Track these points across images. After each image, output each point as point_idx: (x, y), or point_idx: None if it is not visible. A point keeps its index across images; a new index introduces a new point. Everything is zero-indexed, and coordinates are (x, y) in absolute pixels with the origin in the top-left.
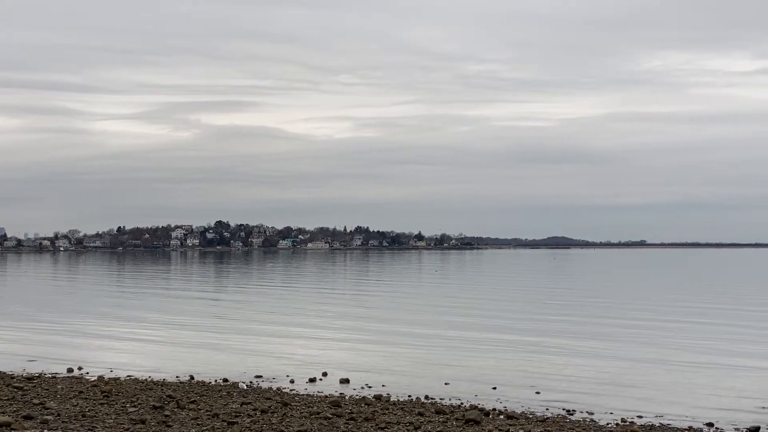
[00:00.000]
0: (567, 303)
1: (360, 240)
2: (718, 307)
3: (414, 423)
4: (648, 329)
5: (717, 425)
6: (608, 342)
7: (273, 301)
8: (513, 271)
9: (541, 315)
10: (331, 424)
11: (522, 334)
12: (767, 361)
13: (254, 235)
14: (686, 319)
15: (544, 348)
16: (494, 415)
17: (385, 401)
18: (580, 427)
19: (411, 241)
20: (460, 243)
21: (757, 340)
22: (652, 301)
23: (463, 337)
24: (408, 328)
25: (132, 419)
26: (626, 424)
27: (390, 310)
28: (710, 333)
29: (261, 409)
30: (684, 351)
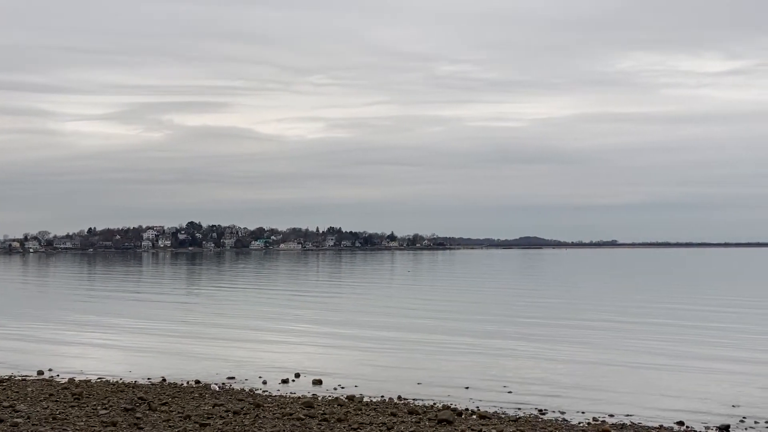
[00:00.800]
0: (538, 304)
1: (332, 240)
2: (688, 307)
3: (387, 423)
4: (618, 330)
5: (687, 424)
6: (579, 343)
7: (245, 302)
8: (485, 271)
9: (513, 316)
10: (304, 425)
11: (494, 334)
12: (737, 361)
13: (226, 236)
14: (656, 320)
15: (515, 348)
16: (467, 415)
17: (357, 402)
18: (553, 426)
19: (383, 241)
20: (432, 243)
21: (727, 340)
22: (621, 302)
23: (435, 337)
24: (380, 329)
25: (103, 421)
26: (598, 423)
27: (362, 311)
28: (680, 334)
29: (233, 411)
30: (654, 352)
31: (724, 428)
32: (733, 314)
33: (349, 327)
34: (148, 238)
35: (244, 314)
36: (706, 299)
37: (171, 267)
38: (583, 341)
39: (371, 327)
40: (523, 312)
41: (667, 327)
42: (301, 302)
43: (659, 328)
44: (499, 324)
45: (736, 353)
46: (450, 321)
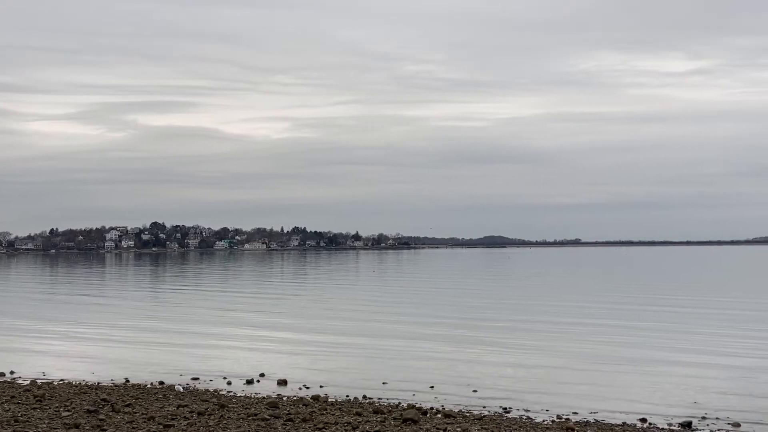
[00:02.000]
0: (502, 302)
1: (297, 240)
2: (650, 305)
3: (352, 423)
4: (581, 328)
5: (650, 420)
6: (542, 341)
7: (209, 302)
8: (450, 270)
9: (478, 314)
10: (269, 425)
11: (458, 334)
12: (698, 358)
13: (191, 237)
14: (618, 318)
15: (480, 347)
16: (432, 413)
17: (323, 402)
18: (517, 424)
19: (348, 241)
20: (397, 243)
21: (689, 337)
22: (583, 300)
23: (401, 336)
24: (346, 329)
25: (65, 423)
26: (562, 421)
27: (327, 311)
28: (642, 331)
29: (198, 412)
30: (616, 349)
31: (686, 425)
32: (692, 313)
33: (314, 327)
34: (111, 239)
35: (208, 315)
36: (668, 296)
37: (134, 268)
38: (545, 341)
39: (336, 327)
40: (487, 312)
41: (627, 327)
42: (265, 303)
43: (622, 324)
44: (463, 323)
45: (696, 352)
46: (415, 321)
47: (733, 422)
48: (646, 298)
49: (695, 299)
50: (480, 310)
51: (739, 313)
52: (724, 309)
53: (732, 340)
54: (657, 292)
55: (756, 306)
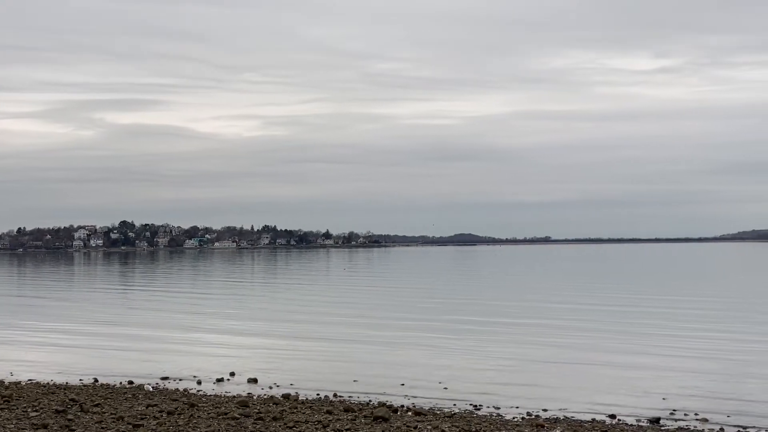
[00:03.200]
0: (472, 300)
1: (267, 239)
2: (617, 303)
3: (323, 421)
4: (549, 327)
5: (619, 417)
6: (512, 338)
7: (178, 301)
8: (420, 268)
9: (448, 312)
10: (239, 424)
11: (429, 331)
12: (666, 356)
13: (160, 235)
14: (586, 316)
15: (450, 344)
16: (402, 411)
17: (293, 400)
18: (487, 421)
19: (319, 239)
20: (367, 241)
21: (657, 334)
22: (552, 299)
23: (371, 334)
24: (316, 327)
25: (33, 424)
26: (532, 417)
27: (298, 309)
28: (610, 329)
29: (167, 411)
30: (585, 347)
31: (654, 421)
32: (659, 310)
33: (285, 325)
34: (79, 238)
35: (177, 314)
36: (635, 295)
37: (103, 267)
38: (515, 339)
39: (307, 325)
40: (456, 309)
41: (595, 325)
42: (235, 301)
43: (591, 322)
44: (434, 321)
45: (664, 349)
46: (386, 318)
47: (701, 418)
48: (615, 296)
49: (663, 297)
50: (450, 308)
51: (707, 311)
52: (692, 307)
53: (699, 337)
54: (625, 290)
55: (723, 303)
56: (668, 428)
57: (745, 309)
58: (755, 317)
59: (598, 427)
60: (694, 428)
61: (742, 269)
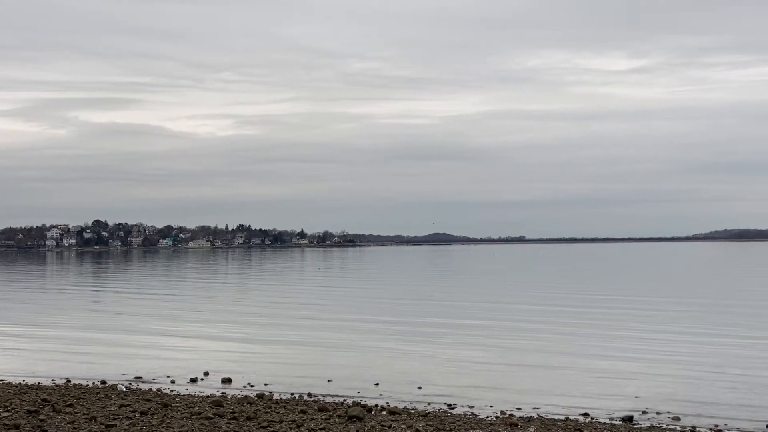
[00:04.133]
0: (446, 301)
1: (242, 238)
2: (590, 303)
3: (297, 421)
4: (524, 327)
5: (592, 415)
6: (486, 339)
7: (152, 301)
8: (395, 268)
9: (422, 312)
10: (213, 424)
11: (404, 331)
12: (639, 355)
13: (133, 235)
14: (561, 317)
15: (425, 344)
16: (377, 411)
17: (267, 400)
18: (461, 420)
19: (293, 239)
20: (342, 240)
21: (629, 334)
22: (525, 300)
23: (345, 335)
24: (291, 327)
25: (5, 424)
26: (506, 416)
27: (272, 309)
28: (584, 327)
29: (140, 411)
30: (559, 346)
31: (627, 419)
32: (632, 310)
33: (259, 326)
34: (52, 237)
35: (151, 313)
36: (609, 293)
37: (76, 266)
38: (489, 339)
39: (281, 325)
40: (431, 309)
41: (568, 325)
42: (209, 301)
43: (563, 321)
44: (408, 321)
45: (637, 348)
46: (360, 318)
47: (673, 416)
48: (587, 297)
49: (634, 298)
50: (424, 309)
51: (678, 311)
52: (663, 307)
53: (672, 337)
54: (598, 291)
55: (695, 303)
56: (641, 426)
57: (715, 309)
58: (726, 318)
59: (571, 426)
60: (666, 427)
61: (713, 269)
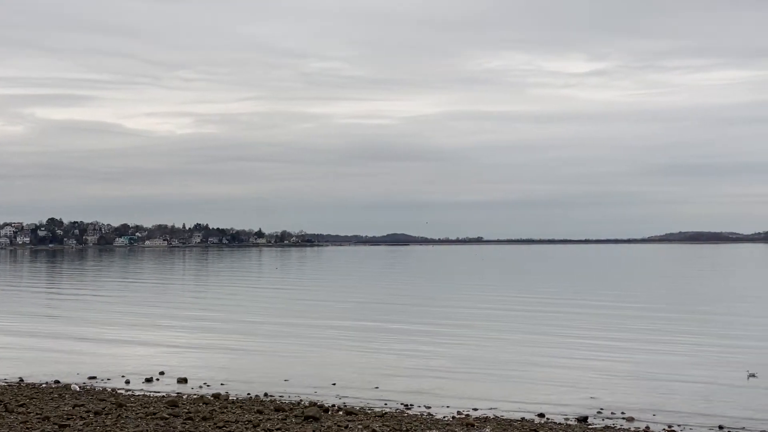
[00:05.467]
0: (403, 301)
1: (199, 237)
2: (545, 304)
3: (253, 421)
4: (479, 328)
5: (548, 415)
6: (443, 339)
7: (108, 300)
8: (352, 268)
9: (379, 312)
10: (168, 424)
11: (361, 331)
12: (594, 356)
13: (89, 233)
14: (517, 317)
15: (381, 344)
16: (333, 411)
17: (223, 400)
18: (418, 420)
19: (251, 238)
20: (300, 240)
21: (585, 335)
22: (481, 300)
23: (302, 334)
24: (247, 326)
25: None
26: (462, 416)
27: (229, 309)
28: (539, 329)
29: (94, 411)
30: (515, 347)
31: (582, 419)
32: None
33: (216, 325)
34: (5, 235)
35: (106, 313)
36: (565, 294)
37: (29, 265)
38: (445, 339)
39: (239, 325)
40: (388, 310)
41: (523, 326)
42: (165, 301)
43: (519, 320)
44: (365, 321)
45: (592, 349)
46: (317, 318)
47: (627, 416)
48: (543, 298)
49: (589, 298)
50: (382, 309)
51: (633, 311)
52: (618, 307)
53: (625, 337)
54: (553, 292)
55: (648, 303)
56: (596, 426)
57: (668, 312)
58: (679, 317)
59: (527, 426)
60: (620, 426)
61: (665, 270)
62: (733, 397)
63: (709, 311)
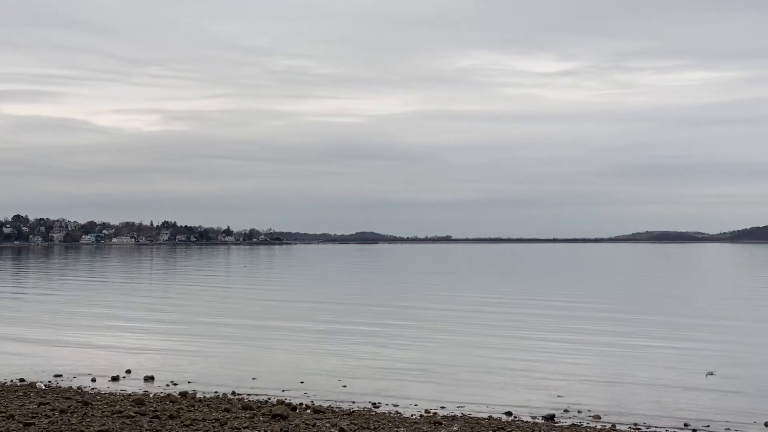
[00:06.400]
0: (371, 300)
1: (167, 235)
2: (512, 304)
3: (220, 419)
4: (447, 328)
5: (515, 414)
6: (411, 339)
7: (74, 298)
8: (321, 267)
9: (346, 310)
10: (134, 422)
11: (329, 329)
12: (562, 356)
13: (55, 230)
14: (484, 317)
15: (349, 344)
16: (301, 409)
17: (190, 398)
18: (386, 419)
19: (219, 236)
20: (269, 238)
21: (552, 335)
22: (449, 298)
23: (270, 332)
24: (215, 325)
25: None
26: (430, 415)
27: (196, 307)
28: (506, 329)
29: (60, 410)
30: (483, 343)
31: (549, 417)
32: (553, 310)
33: (183, 323)
34: None
35: (72, 311)
36: (534, 293)
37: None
38: (414, 338)
39: (206, 323)
40: (356, 309)
41: (491, 325)
42: (132, 299)
43: (487, 320)
44: (334, 320)
45: (559, 348)
46: (285, 316)
47: (594, 414)
48: (508, 298)
49: (554, 298)
50: (350, 308)
51: (599, 311)
52: (584, 307)
53: (592, 338)
54: (520, 291)
55: (611, 304)
56: (562, 425)
57: (630, 310)
58: (640, 318)
59: (494, 425)
60: (587, 425)
61: (630, 270)
62: (693, 395)
63: (669, 311)
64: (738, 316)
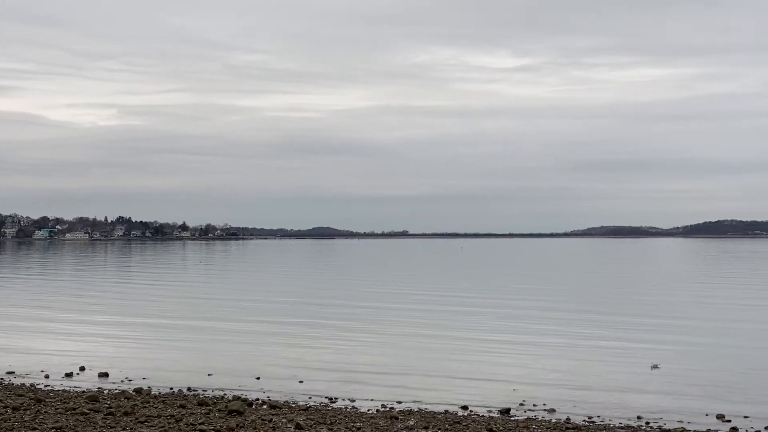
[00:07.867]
0: (327, 296)
1: (122, 230)
2: (466, 298)
3: (175, 416)
4: (402, 322)
5: (471, 408)
6: (366, 333)
7: (25, 294)
8: (277, 262)
9: (304, 307)
10: (88, 419)
11: (285, 325)
12: (516, 349)
13: (7, 226)
14: (438, 312)
15: (306, 339)
16: (257, 405)
17: (145, 394)
18: (342, 414)
19: (175, 231)
20: (225, 233)
21: (506, 329)
22: (404, 294)
23: (226, 328)
24: (170, 321)
25: None
26: (386, 409)
27: (151, 303)
28: (464, 323)
29: (12, 407)
30: (438, 338)
31: (504, 411)
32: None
33: (137, 319)
34: None
35: (24, 307)
36: (489, 287)
37: None
38: (369, 333)
39: (161, 319)
40: (312, 304)
41: (452, 314)
42: (85, 294)
43: (443, 313)
44: (290, 316)
45: (514, 343)
46: (241, 312)
47: (548, 408)
48: (462, 293)
49: (507, 293)
50: (306, 304)
51: (551, 305)
52: (536, 301)
53: (545, 331)
54: (473, 286)
55: (562, 298)
56: (518, 419)
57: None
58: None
59: (450, 419)
60: (542, 418)
61: (581, 265)
62: (641, 387)
63: (617, 306)
64: (685, 312)
